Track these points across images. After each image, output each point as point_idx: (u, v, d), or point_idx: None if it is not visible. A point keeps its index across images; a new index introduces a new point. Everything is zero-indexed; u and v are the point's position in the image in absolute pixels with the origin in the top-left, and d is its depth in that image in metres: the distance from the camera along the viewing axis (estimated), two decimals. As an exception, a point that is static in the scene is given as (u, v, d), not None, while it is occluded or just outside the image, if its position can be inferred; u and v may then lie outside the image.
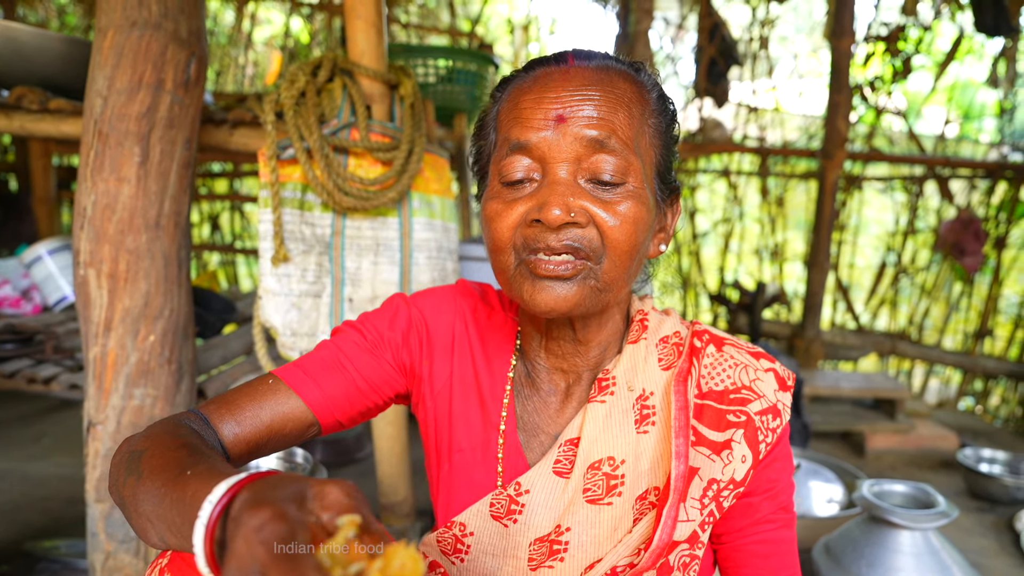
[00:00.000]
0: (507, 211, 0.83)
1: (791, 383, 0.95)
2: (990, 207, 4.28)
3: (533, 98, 0.83)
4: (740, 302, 4.22)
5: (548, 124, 0.81)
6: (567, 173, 0.81)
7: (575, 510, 0.89)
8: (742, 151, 4.49)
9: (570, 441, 0.91)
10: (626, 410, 0.91)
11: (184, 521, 0.63)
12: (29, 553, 1.98)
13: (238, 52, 5.00)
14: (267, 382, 0.92)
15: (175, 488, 0.66)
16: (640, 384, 0.93)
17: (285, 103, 1.62)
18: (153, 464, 0.71)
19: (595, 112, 0.81)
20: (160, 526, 0.68)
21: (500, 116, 0.88)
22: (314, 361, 0.95)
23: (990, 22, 3.69)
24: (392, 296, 1.04)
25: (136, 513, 0.71)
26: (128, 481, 0.73)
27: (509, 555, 0.90)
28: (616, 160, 0.81)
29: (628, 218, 0.81)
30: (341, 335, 0.99)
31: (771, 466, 0.93)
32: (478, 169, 0.95)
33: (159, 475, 0.69)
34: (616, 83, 0.84)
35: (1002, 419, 4.33)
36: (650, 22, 3.88)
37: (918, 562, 1.71)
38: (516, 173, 0.83)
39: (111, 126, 1.44)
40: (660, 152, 0.88)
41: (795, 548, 0.97)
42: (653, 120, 0.88)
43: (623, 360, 0.94)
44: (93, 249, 1.47)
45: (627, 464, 0.89)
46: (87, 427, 1.55)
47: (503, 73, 2.87)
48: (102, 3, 1.44)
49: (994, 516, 2.62)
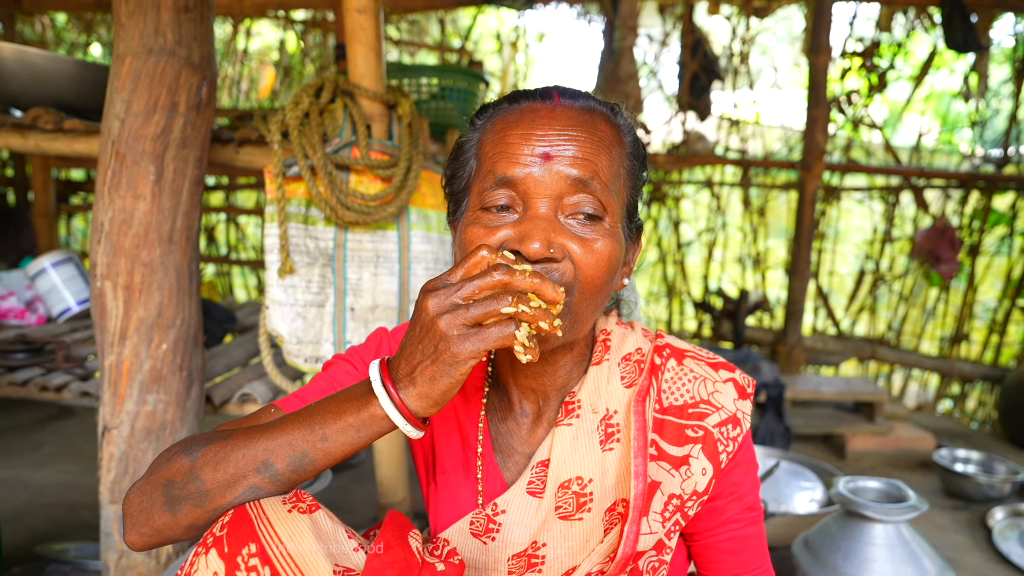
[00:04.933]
0: (487, 236, 0.85)
1: (751, 390, 0.99)
2: (964, 216, 4.42)
3: (520, 133, 0.86)
4: (724, 309, 4.32)
5: (534, 161, 0.84)
6: (548, 209, 0.84)
7: (549, 526, 0.94)
8: (724, 163, 4.61)
9: (541, 463, 0.96)
10: (591, 431, 0.95)
11: (330, 419, 0.79)
12: (39, 556, 2.05)
13: (233, 67, 5.08)
14: (270, 412, 0.96)
15: (298, 421, 0.81)
16: (604, 404, 0.97)
17: (290, 123, 1.71)
18: (238, 433, 0.83)
19: (579, 152, 0.85)
20: (272, 456, 0.80)
21: (484, 146, 0.91)
22: (311, 392, 0.99)
23: (960, 39, 3.82)
24: (376, 330, 1.10)
25: (223, 474, 0.80)
26: (206, 449, 0.82)
27: (490, 569, 0.96)
28: (596, 200, 0.85)
29: (603, 255, 0.85)
30: (334, 367, 1.03)
31: (734, 471, 0.98)
32: (451, 191, 0.97)
33: (259, 432, 0.82)
34: (599, 125, 0.88)
35: (979, 421, 4.46)
36: (635, 38, 4.01)
37: (891, 553, 1.81)
38: (499, 202, 0.86)
39: (128, 146, 1.53)
40: (630, 192, 0.93)
41: (763, 542, 1.03)
42: (627, 163, 0.92)
43: (587, 382, 0.98)
44: (110, 262, 1.55)
45: (595, 482, 0.94)
46: (102, 432, 1.62)
47: (492, 89, 2.97)
48: (120, 31, 1.53)
49: (968, 513, 2.72)
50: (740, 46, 4.56)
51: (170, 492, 0.82)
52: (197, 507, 0.81)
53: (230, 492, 0.80)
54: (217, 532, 0.79)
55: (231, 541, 0.77)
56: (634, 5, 3.94)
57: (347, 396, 0.80)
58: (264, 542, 0.76)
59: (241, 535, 0.78)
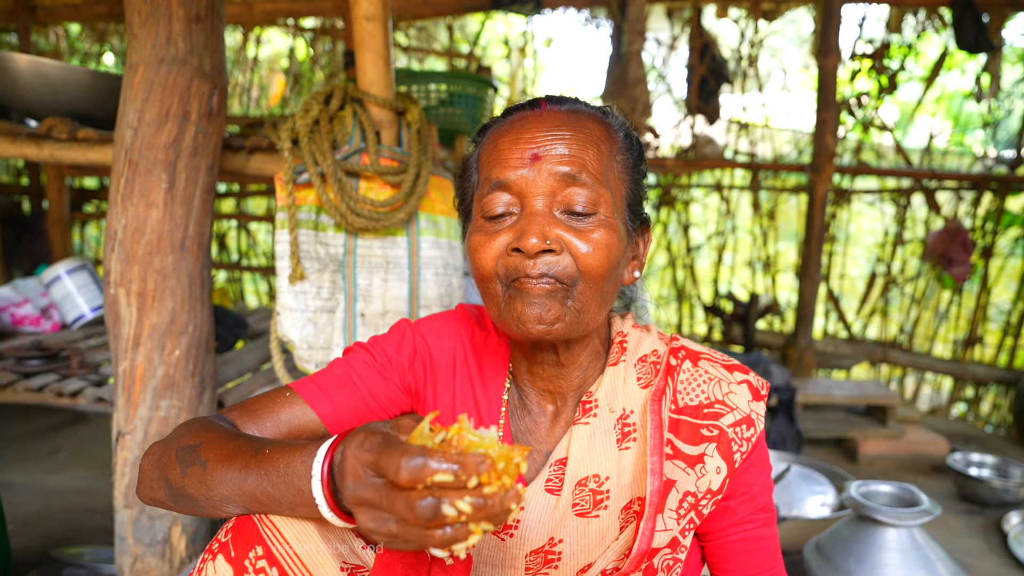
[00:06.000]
0: (489, 242, 0.90)
1: (765, 392, 1.01)
2: (977, 217, 4.39)
3: (510, 139, 0.91)
4: (734, 313, 4.31)
5: (524, 162, 0.89)
6: (543, 206, 0.89)
7: (566, 523, 0.95)
8: (733, 166, 4.60)
9: (559, 461, 0.98)
10: (608, 430, 0.97)
11: (281, 487, 0.75)
12: (55, 560, 2.07)
13: (243, 75, 5.12)
14: (284, 394, 1.00)
15: (260, 465, 0.77)
16: (620, 404, 0.99)
17: (300, 131, 1.73)
18: (217, 454, 0.81)
19: (566, 150, 0.89)
20: (241, 501, 0.79)
21: (481, 158, 0.96)
22: (328, 378, 1.03)
23: (971, 40, 3.81)
24: (399, 321, 1.12)
25: (206, 496, 0.82)
26: (190, 471, 0.83)
27: (507, 565, 0.97)
28: (587, 192, 0.89)
29: (600, 245, 0.88)
30: (353, 355, 1.06)
31: (747, 472, 1.00)
32: (463, 208, 1.03)
33: (232, 460, 0.80)
34: (585, 123, 0.92)
35: (993, 425, 4.42)
36: (642, 43, 4.01)
37: (903, 557, 1.79)
38: (497, 208, 0.91)
39: (141, 155, 1.55)
40: (629, 186, 0.96)
41: (776, 544, 1.04)
42: (621, 156, 0.96)
43: (604, 382, 1.00)
44: (123, 270, 1.57)
45: (611, 480, 0.96)
46: (116, 437, 1.64)
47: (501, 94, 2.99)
48: (133, 42, 1.56)
49: (983, 518, 2.70)
50: (749, 49, 4.55)
51: (171, 489, 0.86)
52: (195, 510, 0.85)
53: (217, 512, 0.84)
54: (222, 538, 0.82)
55: (236, 546, 0.80)
56: (642, 9, 3.94)
57: (295, 485, 0.76)
58: (270, 544, 0.79)
59: (246, 539, 0.80)
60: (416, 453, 0.61)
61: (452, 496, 0.61)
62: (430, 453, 0.62)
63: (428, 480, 0.61)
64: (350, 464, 0.66)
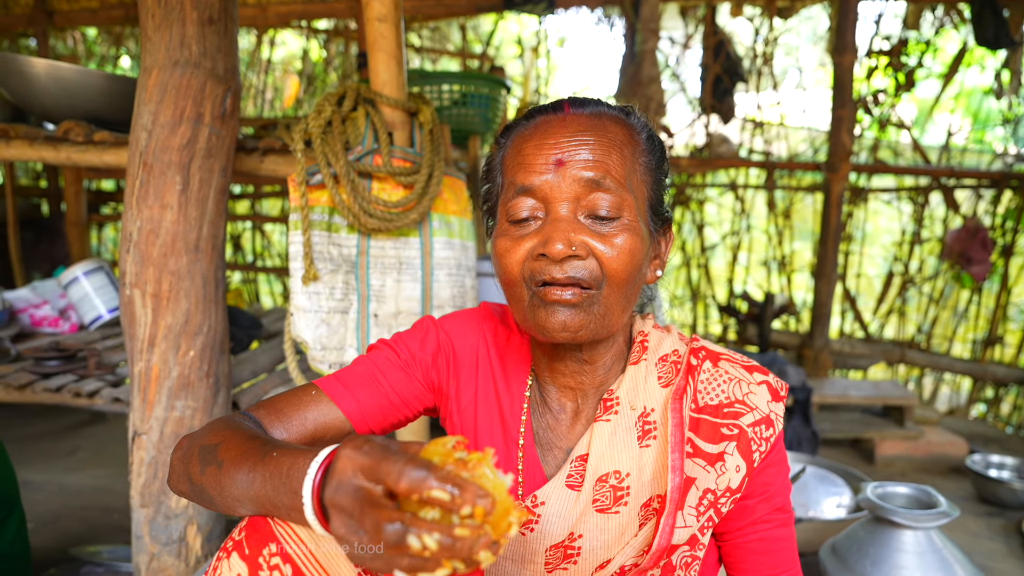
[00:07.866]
0: (515, 247, 0.91)
1: (784, 393, 1.02)
2: (996, 216, 4.33)
3: (534, 145, 0.92)
4: (749, 313, 4.28)
5: (549, 168, 0.90)
6: (568, 211, 0.89)
7: (586, 519, 0.96)
8: (748, 165, 4.57)
9: (580, 457, 0.99)
10: (629, 427, 0.98)
11: (281, 490, 0.74)
12: (74, 558, 2.09)
13: (257, 77, 5.16)
14: (310, 392, 1.01)
15: (266, 467, 0.77)
16: (642, 403, 1.00)
17: (313, 132, 1.74)
18: (232, 454, 0.82)
19: (590, 155, 0.89)
20: (249, 504, 0.80)
21: (505, 161, 0.97)
22: (352, 375, 1.04)
23: (991, 36, 3.76)
24: (423, 318, 1.13)
25: (220, 495, 0.83)
26: (208, 470, 0.84)
27: (527, 560, 0.98)
28: (611, 197, 0.89)
29: (624, 249, 0.89)
30: (376, 352, 1.07)
31: (766, 471, 1.00)
32: (487, 208, 1.04)
33: (243, 461, 0.80)
34: (608, 128, 0.93)
35: (1013, 426, 4.35)
36: (656, 41, 4.00)
37: (921, 560, 1.77)
38: (522, 212, 0.91)
39: (155, 157, 1.56)
40: (651, 187, 0.97)
41: (793, 545, 1.04)
42: (643, 159, 0.96)
43: (626, 380, 1.01)
44: (138, 271, 1.58)
45: (632, 476, 0.97)
46: (132, 437, 1.66)
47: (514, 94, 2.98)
48: (147, 44, 1.57)
49: (1003, 520, 2.67)
50: (763, 47, 4.52)
51: (192, 485, 0.87)
52: (213, 507, 0.86)
53: (232, 511, 0.84)
54: (236, 537, 0.83)
55: (251, 544, 0.81)
56: (655, 8, 3.93)
57: (292, 488, 0.75)
58: (284, 542, 0.80)
59: (260, 537, 0.81)
60: (422, 465, 0.61)
61: (422, 527, 0.59)
62: (435, 469, 0.61)
63: (425, 494, 0.60)
64: (340, 465, 0.65)
